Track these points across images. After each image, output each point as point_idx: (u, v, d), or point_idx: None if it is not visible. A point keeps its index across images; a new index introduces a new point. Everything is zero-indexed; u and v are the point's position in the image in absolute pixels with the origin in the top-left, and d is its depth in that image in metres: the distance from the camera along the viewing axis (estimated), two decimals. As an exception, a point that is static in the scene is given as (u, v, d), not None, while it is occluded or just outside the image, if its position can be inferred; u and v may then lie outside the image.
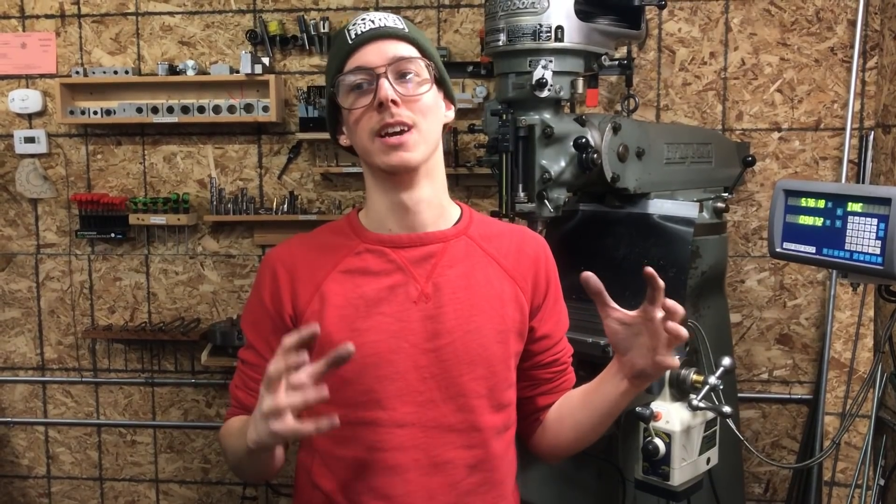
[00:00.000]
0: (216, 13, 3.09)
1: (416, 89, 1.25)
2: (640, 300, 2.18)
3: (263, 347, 1.31)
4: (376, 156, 1.25)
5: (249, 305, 1.36)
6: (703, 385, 1.73)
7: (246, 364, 1.35)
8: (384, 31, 1.26)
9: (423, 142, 1.26)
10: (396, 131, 1.23)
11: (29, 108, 3.15)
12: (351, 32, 1.27)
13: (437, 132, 1.30)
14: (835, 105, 2.85)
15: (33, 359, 3.30)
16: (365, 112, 1.24)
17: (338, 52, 1.28)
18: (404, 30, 1.28)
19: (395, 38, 1.26)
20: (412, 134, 1.24)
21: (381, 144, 1.24)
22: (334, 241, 1.34)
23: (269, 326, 1.31)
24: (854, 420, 2.57)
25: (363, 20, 1.28)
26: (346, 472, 1.29)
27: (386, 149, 1.24)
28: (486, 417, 1.31)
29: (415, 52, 1.27)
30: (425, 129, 1.26)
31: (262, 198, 3.15)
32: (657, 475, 1.73)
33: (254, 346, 1.34)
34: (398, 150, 1.23)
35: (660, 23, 2.90)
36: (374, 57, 1.24)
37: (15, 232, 3.25)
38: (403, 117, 1.23)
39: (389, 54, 1.24)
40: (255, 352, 1.34)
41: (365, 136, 1.25)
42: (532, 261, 1.38)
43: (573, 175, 2.04)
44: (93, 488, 3.37)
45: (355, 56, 1.25)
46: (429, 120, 1.27)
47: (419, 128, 1.25)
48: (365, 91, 1.24)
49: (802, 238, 1.84)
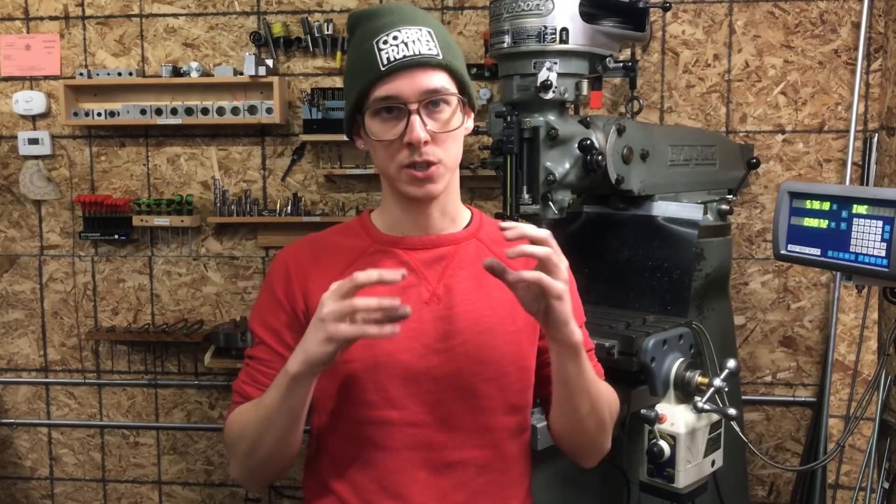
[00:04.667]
0: (220, 15, 3.09)
1: (446, 124, 1.24)
2: (645, 302, 2.19)
3: (276, 343, 1.30)
4: (402, 185, 1.26)
5: (260, 303, 1.35)
6: (708, 387, 1.72)
7: (255, 360, 1.33)
8: (417, 61, 1.21)
9: (447, 171, 1.27)
10: (424, 167, 1.23)
11: (33, 110, 3.15)
12: (382, 55, 1.21)
13: (459, 155, 1.30)
14: (839, 107, 2.85)
15: (36, 360, 3.31)
16: (393, 143, 1.23)
17: (365, 71, 1.23)
18: (437, 56, 1.23)
19: (429, 66, 1.22)
20: (439, 167, 1.24)
21: (408, 177, 1.24)
22: (346, 241, 1.35)
23: (283, 321, 1.30)
24: (858, 423, 2.56)
25: (395, 39, 1.22)
26: (357, 472, 1.29)
27: (412, 180, 1.24)
28: (497, 418, 1.31)
29: (447, 81, 1.24)
30: (450, 161, 1.26)
31: (265, 200, 3.15)
32: (662, 477, 1.73)
33: (265, 342, 1.32)
34: (425, 184, 1.24)
35: (664, 25, 2.90)
36: (407, 89, 1.21)
37: (19, 233, 3.25)
38: (431, 156, 1.22)
39: (422, 87, 1.21)
40: (266, 347, 1.32)
41: (391, 167, 1.25)
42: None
43: (577, 177, 2.04)
44: (96, 490, 3.37)
45: (386, 84, 1.21)
46: (454, 149, 1.27)
47: (445, 162, 1.25)
48: (394, 121, 1.22)
49: (807, 240, 1.83)
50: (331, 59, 3.05)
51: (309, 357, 1.11)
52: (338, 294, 1.09)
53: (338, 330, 1.08)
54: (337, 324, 1.08)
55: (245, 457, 1.28)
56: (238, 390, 1.34)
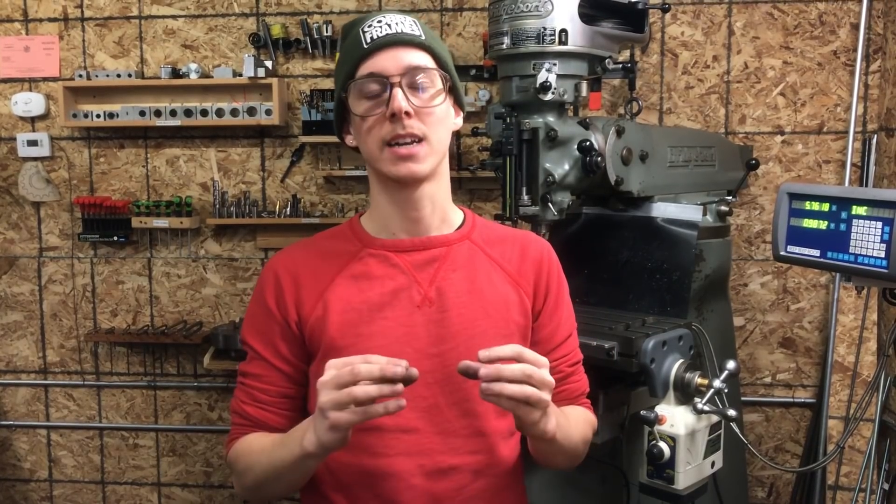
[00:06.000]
0: (219, 16, 3.09)
1: (429, 101, 1.24)
2: (644, 303, 2.19)
3: (271, 355, 1.30)
4: (385, 165, 1.24)
5: (252, 315, 1.33)
6: (708, 389, 1.72)
7: (251, 377, 1.32)
8: (400, 38, 1.23)
9: (432, 153, 1.25)
10: (407, 142, 1.22)
11: (32, 112, 3.15)
12: (366, 35, 1.24)
13: (446, 142, 1.29)
14: (838, 108, 2.85)
15: (35, 362, 3.30)
16: (376, 120, 1.23)
17: (350, 53, 1.26)
18: (420, 37, 1.25)
19: (411, 45, 1.24)
20: (423, 146, 1.23)
21: (391, 154, 1.23)
22: (336, 246, 1.34)
23: (276, 332, 1.30)
24: (858, 424, 2.56)
25: (379, 23, 1.25)
26: (352, 479, 1.28)
27: (395, 159, 1.23)
28: (491, 422, 1.30)
29: (430, 62, 1.25)
30: (435, 141, 1.25)
31: (264, 201, 3.15)
32: (662, 479, 1.72)
33: (260, 356, 1.31)
34: (408, 162, 1.23)
35: (663, 26, 2.90)
36: (389, 64, 1.22)
37: (17, 235, 3.25)
38: (415, 129, 1.22)
39: (404, 63, 1.22)
40: (261, 361, 1.31)
41: (374, 145, 1.24)
42: (535, 265, 1.37)
43: (577, 178, 2.04)
44: (95, 492, 3.36)
45: (369, 61, 1.23)
46: (439, 131, 1.26)
47: (429, 140, 1.24)
48: (377, 98, 1.23)
49: (807, 241, 1.83)
50: (330, 60, 3.05)
51: (322, 443, 1.10)
52: (335, 384, 1.06)
53: (339, 419, 1.06)
54: (338, 413, 1.06)
55: (250, 490, 1.29)
56: (238, 411, 1.32)
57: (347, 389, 1.05)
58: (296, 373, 1.31)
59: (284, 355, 1.29)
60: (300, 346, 1.30)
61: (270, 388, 1.29)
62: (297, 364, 1.31)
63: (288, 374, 1.31)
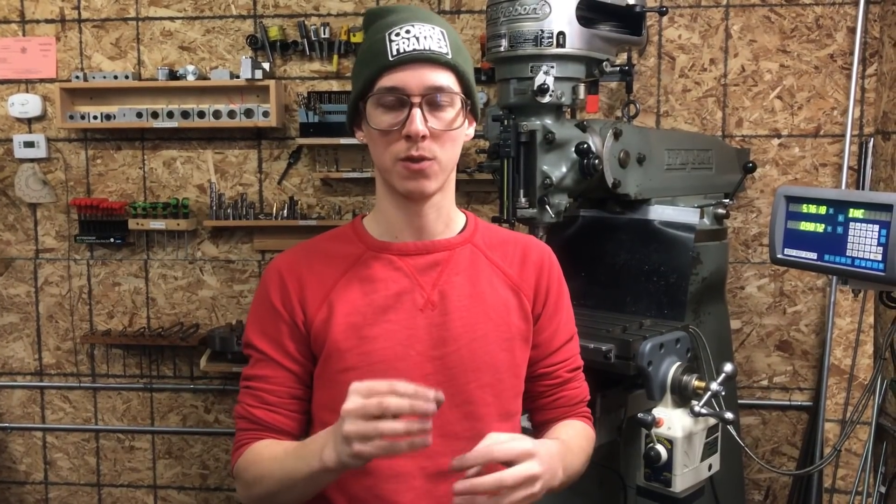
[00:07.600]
0: (217, 18, 3.09)
1: (447, 124, 1.24)
2: (641, 306, 2.19)
3: (280, 355, 1.28)
4: (395, 178, 1.25)
5: (256, 317, 1.32)
6: (705, 391, 1.72)
7: (257, 380, 1.30)
8: (426, 56, 1.22)
9: (442, 171, 1.25)
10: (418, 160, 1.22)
11: (29, 113, 3.14)
12: (393, 46, 1.22)
13: (456, 158, 1.29)
14: (834, 112, 2.86)
15: (31, 364, 3.29)
16: (391, 135, 1.23)
17: (375, 60, 1.23)
18: (447, 55, 1.23)
19: (437, 64, 1.22)
20: (433, 165, 1.23)
21: (403, 168, 1.23)
22: (339, 248, 1.33)
23: (284, 332, 1.28)
24: (854, 427, 2.56)
25: (408, 33, 1.22)
26: (352, 481, 1.28)
27: (406, 174, 1.23)
28: (492, 425, 1.29)
29: (453, 82, 1.24)
30: (446, 160, 1.25)
31: (261, 203, 3.14)
32: (659, 481, 1.72)
33: (268, 357, 1.29)
34: (419, 178, 1.23)
35: (660, 29, 2.90)
36: (412, 82, 1.21)
37: (14, 236, 3.24)
38: (427, 152, 1.22)
39: (427, 82, 1.21)
40: (269, 362, 1.29)
41: (387, 158, 1.24)
42: (535, 269, 1.37)
43: (574, 181, 2.04)
44: (90, 494, 3.36)
45: (393, 74, 1.21)
46: (452, 150, 1.26)
47: (440, 160, 1.24)
48: (395, 111, 1.22)
49: (804, 244, 1.84)
50: (327, 62, 3.05)
51: (344, 464, 1.08)
52: (361, 414, 1.04)
53: (363, 451, 1.04)
54: (363, 444, 1.04)
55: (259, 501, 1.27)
56: (246, 416, 1.29)
57: (374, 424, 1.03)
58: (304, 373, 1.30)
59: (293, 355, 1.28)
60: (307, 345, 1.29)
61: (279, 388, 1.28)
62: (305, 364, 1.30)
63: (297, 373, 1.30)
